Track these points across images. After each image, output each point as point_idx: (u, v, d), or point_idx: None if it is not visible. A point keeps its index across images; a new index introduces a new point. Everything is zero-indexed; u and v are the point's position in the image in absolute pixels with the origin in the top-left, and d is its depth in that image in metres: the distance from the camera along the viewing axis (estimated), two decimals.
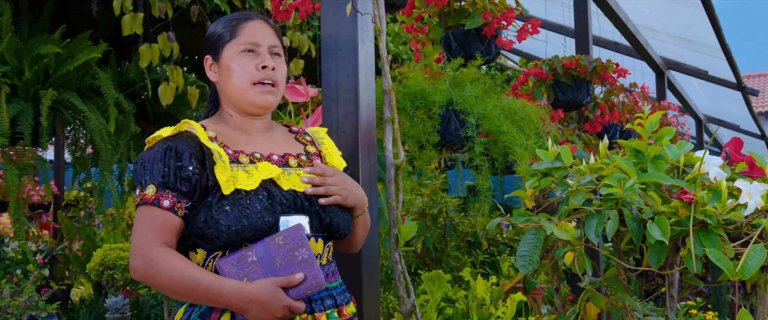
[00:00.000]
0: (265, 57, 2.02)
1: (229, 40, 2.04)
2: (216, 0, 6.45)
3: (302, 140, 2.16)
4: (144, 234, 1.84)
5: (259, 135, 2.07)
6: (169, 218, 1.85)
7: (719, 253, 1.89)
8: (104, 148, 5.88)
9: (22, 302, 3.36)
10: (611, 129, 4.95)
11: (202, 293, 1.78)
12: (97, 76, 6.04)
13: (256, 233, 1.84)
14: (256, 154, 1.98)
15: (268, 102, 2.03)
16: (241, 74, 2.01)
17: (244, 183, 1.87)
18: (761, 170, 2.09)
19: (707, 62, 7.46)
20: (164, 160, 1.88)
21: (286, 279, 1.79)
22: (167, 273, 1.79)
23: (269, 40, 2.06)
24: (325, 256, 1.98)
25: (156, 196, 1.85)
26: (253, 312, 1.78)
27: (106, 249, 3.32)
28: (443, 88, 2.95)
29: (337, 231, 2.00)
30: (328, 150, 2.16)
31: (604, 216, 1.99)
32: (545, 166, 2.23)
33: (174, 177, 1.86)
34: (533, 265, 2.04)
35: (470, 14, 3.28)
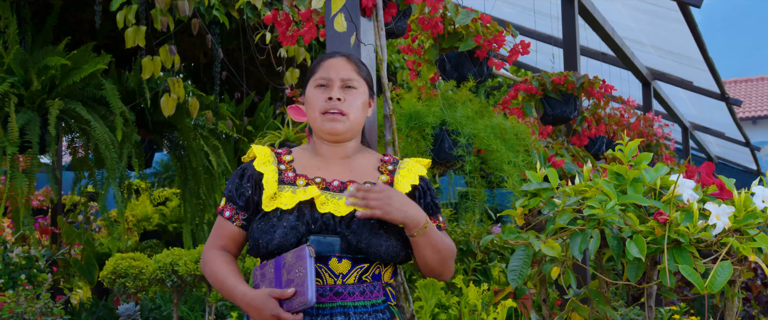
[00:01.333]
0: (334, 90, 2.23)
1: (311, 77, 2.30)
2: (215, 12, 6.63)
3: (383, 169, 2.30)
4: (210, 237, 2.28)
5: (335, 161, 2.27)
6: (227, 226, 2.23)
7: (690, 269, 2.09)
8: (109, 156, 6.05)
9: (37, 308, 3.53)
10: (598, 141, 5.15)
11: (225, 291, 2.14)
12: (102, 86, 6.21)
13: (280, 248, 2.08)
14: (317, 179, 2.20)
15: (334, 128, 2.22)
16: (312, 106, 2.26)
17: (283, 202, 2.13)
18: (730, 192, 2.29)
19: (692, 73, 7.68)
20: (235, 179, 2.25)
21: (280, 292, 2.02)
22: (209, 270, 2.20)
23: (343, 74, 2.26)
24: (355, 276, 2.11)
25: (223, 208, 2.24)
26: (251, 314, 2.08)
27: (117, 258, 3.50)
28: (436, 110, 3.14)
29: (373, 254, 2.10)
30: (401, 176, 2.26)
31: (587, 234, 2.19)
32: (534, 187, 2.43)
33: (236, 193, 2.23)
34: (523, 278, 2.24)
35: (463, 37, 3.48)
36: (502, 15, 6.42)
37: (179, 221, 11.10)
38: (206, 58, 8.46)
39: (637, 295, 6.72)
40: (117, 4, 5.61)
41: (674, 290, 6.91)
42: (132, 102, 6.80)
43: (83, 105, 6.14)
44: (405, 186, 2.24)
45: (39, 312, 3.50)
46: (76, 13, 7.30)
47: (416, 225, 2.11)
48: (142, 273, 3.43)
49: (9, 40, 5.95)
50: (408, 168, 2.30)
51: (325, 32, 2.68)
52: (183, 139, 7.21)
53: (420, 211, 2.13)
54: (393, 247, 2.14)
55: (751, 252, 2.13)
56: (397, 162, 2.34)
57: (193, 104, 6.05)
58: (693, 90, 8.00)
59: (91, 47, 6.41)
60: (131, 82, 6.99)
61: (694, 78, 7.75)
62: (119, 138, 6.03)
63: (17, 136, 5.42)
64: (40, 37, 6.52)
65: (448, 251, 2.22)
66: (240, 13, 6.84)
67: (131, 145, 6.40)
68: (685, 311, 6.83)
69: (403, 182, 2.25)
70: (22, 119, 5.62)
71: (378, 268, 2.17)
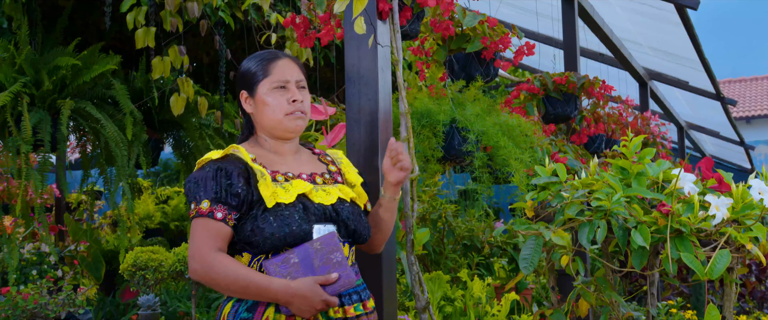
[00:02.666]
0: (294, 92, 2.38)
1: (263, 78, 2.39)
2: (220, 13, 6.76)
3: (324, 160, 2.53)
4: (201, 241, 2.19)
5: (290, 156, 2.43)
6: (221, 228, 2.20)
7: (692, 257, 2.24)
8: (120, 155, 6.17)
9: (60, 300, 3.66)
10: (597, 139, 5.29)
11: (253, 289, 2.14)
12: (112, 85, 6.34)
13: (296, 239, 2.21)
14: (289, 173, 2.35)
15: (299, 126, 2.40)
16: (276, 108, 2.36)
17: (283, 197, 2.24)
18: (728, 185, 2.44)
19: (687, 73, 7.82)
20: (216, 178, 2.23)
21: (324, 278, 2.17)
22: (224, 274, 2.15)
23: (296, 76, 2.42)
24: (351, 259, 2.36)
25: (210, 209, 2.19)
26: (296, 304, 2.14)
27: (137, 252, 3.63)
28: (447, 108, 3.28)
29: (359, 236, 2.37)
30: (346, 168, 2.52)
31: (595, 225, 2.33)
32: (543, 181, 2.57)
33: (225, 193, 2.21)
34: (534, 266, 2.38)
35: (470, 39, 3.62)
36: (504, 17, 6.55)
37: (181, 219, 11.22)
38: (209, 58, 8.58)
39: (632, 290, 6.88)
40: (127, 5, 5.73)
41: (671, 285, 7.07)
42: (138, 101, 6.92)
43: (93, 104, 6.26)
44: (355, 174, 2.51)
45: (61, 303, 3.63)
46: (83, 15, 7.42)
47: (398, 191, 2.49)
48: (161, 265, 3.55)
49: (20, 42, 6.06)
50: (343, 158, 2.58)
51: (344, 34, 2.82)
52: (189, 138, 7.33)
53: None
54: (367, 227, 2.41)
55: (748, 241, 2.28)
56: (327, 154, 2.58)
57: (202, 103, 6.18)
58: (689, 90, 8.15)
59: (99, 48, 6.53)
60: (138, 81, 7.10)
61: (689, 78, 7.90)
62: (129, 136, 6.15)
63: (30, 135, 5.54)
64: (51, 39, 6.64)
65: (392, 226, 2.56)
66: (244, 14, 6.97)
67: (140, 144, 6.52)
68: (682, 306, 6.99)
69: (351, 171, 2.52)
70: (34, 118, 5.73)
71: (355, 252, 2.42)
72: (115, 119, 6.33)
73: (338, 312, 2.24)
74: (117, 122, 6.31)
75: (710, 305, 2.20)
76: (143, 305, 3.62)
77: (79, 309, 3.73)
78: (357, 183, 2.48)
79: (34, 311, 3.56)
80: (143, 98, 6.97)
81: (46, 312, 3.47)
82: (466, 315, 4.51)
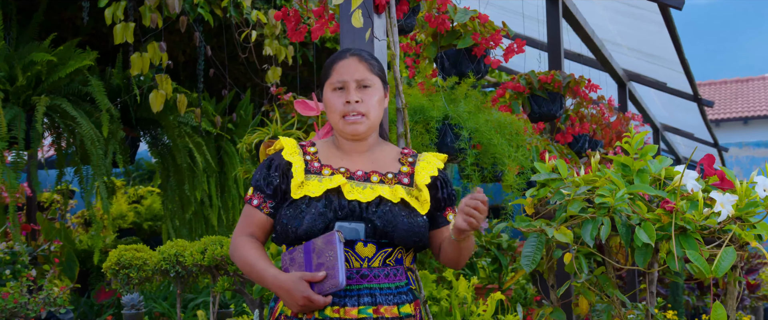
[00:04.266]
0: (351, 92, 2.35)
1: (326, 79, 2.42)
2: (200, 10, 6.67)
3: (403, 160, 2.45)
4: (238, 225, 2.37)
5: (357, 154, 2.41)
6: (255, 214, 2.34)
7: (697, 254, 2.21)
8: (96, 153, 6.07)
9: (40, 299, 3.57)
10: (581, 139, 5.28)
11: (255, 275, 2.27)
12: (88, 82, 6.23)
13: (309, 234, 2.20)
14: (341, 169, 2.33)
15: (356, 130, 2.36)
16: (333, 110, 2.38)
17: (311, 190, 2.25)
18: (730, 182, 2.42)
19: (666, 74, 7.86)
20: (262, 169, 2.37)
21: (311, 275, 2.15)
22: (239, 256, 2.30)
23: (357, 75, 2.37)
24: (380, 260, 2.26)
25: (251, 196, 2.36)
26: (282, 296, 2.20)
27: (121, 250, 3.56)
28: (440, 105, 3.24)
29: (395, 234, 2.24)
30: (421, 168, 2.41)
31: (598, 222, 2.30)
32: (543, 178, 2.54)
33: (263, 182, 2.34)
34: (536, 264, 2.35)
35: (461, 35, 3.59)
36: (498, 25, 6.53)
37: (154, 219, 11.10)
38: (185, 56, 8.49)
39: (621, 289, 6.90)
40: (105, 0, 5.63)
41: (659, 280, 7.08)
42: (116, 99, 6.82)
43: (69, 101, 6.16)
44: (425, 177, 2.39)
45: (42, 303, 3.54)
46: (58, 11, 7.30)
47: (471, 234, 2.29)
48: (145, 264, 3.48)
49: None
50: (427, 161, 2.45)
51: (340, 28, 2.77)
52: (167, 136, 7.24)
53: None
54: (412, 231, 2.27)
55: (753, 239, 2.26)
56: (416, 155, 2.48)
57: (181, 101, 6.10)
58: (667, 91, 8.19)
59: (76, 43, 6.43)
60: (115, 78, 7.00)
61: (668, 79, 7.93)
62: (105, 134, 6.06)
63: (5, 131, 5.43)
64: (25, 34, 6.52)
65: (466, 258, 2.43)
66: (223, 11, 6.89)
67: (117, 142, 6.43)
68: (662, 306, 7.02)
69: (423, 173, 2.40)
70: (8, 115, 5.62)
71: (400, 253, 2.30)
72: (93, 117, 6.24)
73: (338, 311, 2.19)
74: (93, 120, 6.21)
75: (716, 303, 2.18)
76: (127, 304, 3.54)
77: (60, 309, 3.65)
78: (422, 185, 2.36)
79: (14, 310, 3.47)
80: (120, 95, 6.87)
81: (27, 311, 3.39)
82: (451, 315, 4.47)
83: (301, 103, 3.15)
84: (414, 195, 2.34)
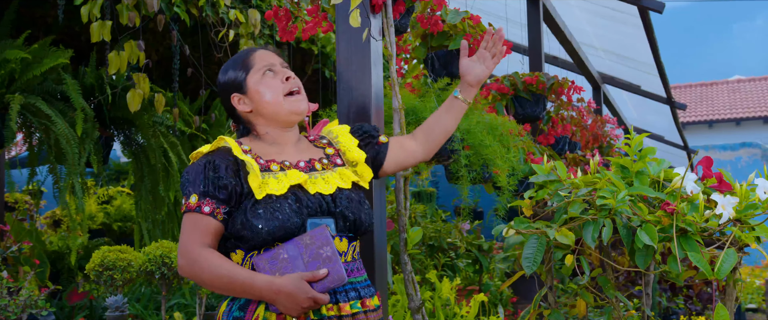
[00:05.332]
0: (284, 71, 2.31)
1: (248, 71, 2.30)
2: (176, 9, 6.61)
3: (319, 145, 2.41)
4: (188, 236, 2.12)
5: (290, 146, 2.33)
6: (209, 222, 2.12)
7: (699, 256, 2.22)
8: (71, 152, 5.98)
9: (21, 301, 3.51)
10: (561, 141, 5.30)
11: (238, 286, 2.06)
12: (63, 80, 6.14)
13: (287, 233, 2.10)
14: (286, 162, 2.24)
15: (301, 107, 2.30)
16: (273, 90, 2.27)
17: (274, 188, 2.13)
18: (728, 185, 2.43)
19: (640, 77, 7.93)
20: (204, 172, 2.15)
21: (312, 274, 2.04)
22: (208, 270, 2.07)
23: (279, 60, 2.35)
24: (350, 254, 2.23)
25: (198, 204, 2.12)
26: (282, 302, 2.03)
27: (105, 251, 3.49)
28: (431, 105, 3.23)
29: (361, 226, 2.23)
30: (345, 146, 2.40)
31: (600, 223, 2.30)
32: (542, 179, 2.54)
33: (213, 186, 2.13)
34: (536, 265, 2.34)
35: (452, 36, 3.58)
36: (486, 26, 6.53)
37: (124, 220, 10.97)
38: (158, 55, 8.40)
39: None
40: None
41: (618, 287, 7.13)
42: (90, 98, 6.73)
43: (43, 100, 6.06)
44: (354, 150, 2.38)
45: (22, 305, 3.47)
46: (31, 9, 7.19)
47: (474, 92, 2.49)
48: (130, 265, 3.42)
49: None
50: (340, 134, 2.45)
51: (336, 28, 2.75)
52: (142, 136, 7.15)
53: None
54: (370, 216, 2.27)
55: (752, 241, 2.27)
56: (323, 137, 2.47)
57: (159, 100, 6.02)
58: (641, 94, 8.26)
59: (49, 41, 6.33)
60: (89, 77, 6.90)
61: (642, 82, 8.00)
62: (79, 133, 5.97)
63: None
64: None
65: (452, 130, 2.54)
66: (200, 10, 6.83)
67: (92, 141, 6.33)
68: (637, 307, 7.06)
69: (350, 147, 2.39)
70: None
71: (358, 246, 2.29)
72: (67, 116, 6.14)
73: (332, 309, 2.11)
74: (68, 119, 6.11)
75: (719, 305, 2.19)
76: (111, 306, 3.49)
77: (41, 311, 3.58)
78: (360, 160, 2.35)
79: None
80: (94, 95, 6.77)
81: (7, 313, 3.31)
82: (435, 317, 4.47)
83: None
84: (357, 172, 2.34)
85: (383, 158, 2.43)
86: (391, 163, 2.45)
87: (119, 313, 3.48)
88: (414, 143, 2.48)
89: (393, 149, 2.45)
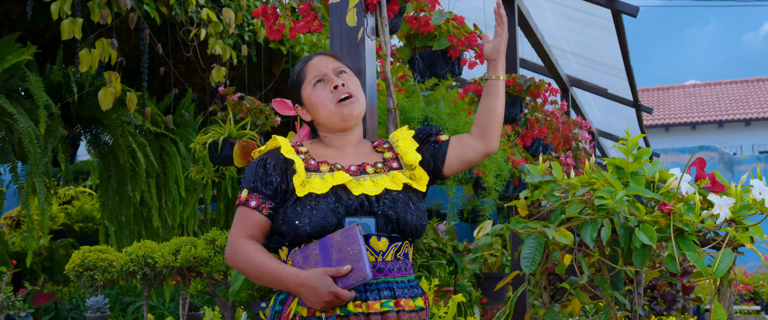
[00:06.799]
0: (333, 79, 2.36)
1: (303, 82, 2.40)
2: (146, 7, 6.53)
3: (380, 149, 2.46)
4: (235, 228, 2.27)
5: (349, 149, 2.40)
6: (254, 216, 2.25)
7: (696, 256, 2.25)
8: (33, 151, 5.89)
9: None
10: (535, 143, 5.33)
11: (268, 276, 2.18)
12: (27, 78, 6.03)
13: (321, 231, 2.16)
14: (338, 165, 2.31)
15: (352, 111, 2.35)
16: (324, 101, 2.35)
17: (316, 187, 2.21)
18: (722, 185, 2.46)
19: (607, 80, 8.01)
20: (256, 170, 2.29)
21: (335, 270, 2.10)
22: (245, 259, 2.21)
23: (331, 65, 2.40)
24: (393, 254, 2.24)
25: (247, 198, 2.27)
26: (305, 294, 2.11)
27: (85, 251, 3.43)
28: (420, 106, 3.23)
29: (407, 226, 2.25)
30: (403, 149, 2.43)
31: (598, 223, 2.31)
32: (537, 180, 2.55)
33: (261, 183, 2.27)
34: (535, 265, 2.35)
35: (436, 37, 3.57)
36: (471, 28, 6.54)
37: (85, 220, 10.81)
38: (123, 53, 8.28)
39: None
40: None
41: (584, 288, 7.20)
42: (55, 96, 6.61)
43: (6, 97, 5.95)
44: (412, 153, 2.40)
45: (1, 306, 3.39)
46: None
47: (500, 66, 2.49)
48: (111, 265, 3.37)
49: None
50: (401, 138, 2.48)
51: (330, 27, 2.73)
52: (110, 135, 7.05)
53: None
54: (420, 218, 2.29)
55: (747, 241, 2.30)
56: (388, 141, 2.51)
57: (131, 99, 5.96)
58: (607, 97, 8.34)
59: (15, 38, 6.22)
60: (55, 75, 6.79)
61: (609, 85, 8.09)
62: (42, 131, 5.87)
63: None
64: None
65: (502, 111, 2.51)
66: (169, 9, 6.75)
67: (56, 140, 6.24)
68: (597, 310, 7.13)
69: (408, 151, 2.41)
70: None
71: (406, 247, 2.30)
72: (32, 114, 6.04)
73: (360, 306, 2.15)
74: (33, 117, 6.01)
75: (716, 304, 2.22)
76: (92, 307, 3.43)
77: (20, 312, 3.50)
78: (415, 163, 2.38)
79: None
80: (61, 92, 6.66)
81: None
82: None
83: (279, 102, 3.10)
84: (410, 176, 2.36)
85: (443, 155, 2.44)
86: (453, 160, 2.45)
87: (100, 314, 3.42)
88: (472, 137, 2.48)
89: (453, 146, 2.46)
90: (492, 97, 2.48)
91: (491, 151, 2.49)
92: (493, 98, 2.48)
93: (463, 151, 2.46)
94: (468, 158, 2.47)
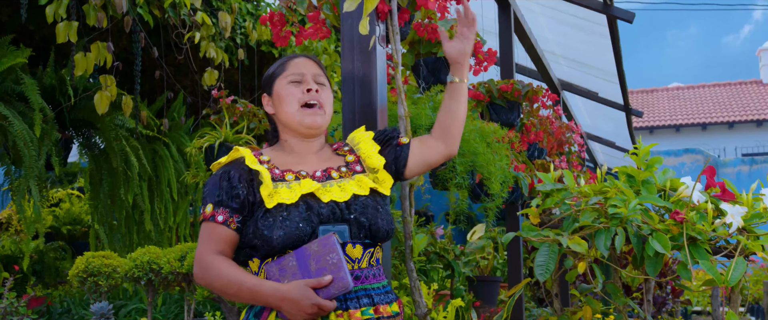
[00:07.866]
0: (310, 82, 2.33)
1: (279, 75, 2.36)
2: (139, 10, 6.51)
3: (341, 152, 2.42)
4: (202, 245, 2.18)
5: (311, 156, 2.35)
6: (222, 231, 2.17)
7: (709, 264, 2.27)
8: (28, 154, 5.87)
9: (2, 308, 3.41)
10: (532, 147, 5.35)
11: (246, 293, 2.10)
12: (22, 80, 6.01)
13: (296, 241, 2.11)
14: (302, 172, 2.26)
15: (315, 122, 2.31)
16: (290, 100, 2.30)
17: (285, 197, 2.15)
18: (732, 194, 2.49)
19: (597, 84, 8.06)
20: (219, 183, 2.20)
21: (316, 281, 2.05)
22: (218, 277, 2.12)
23: (313, 70, 2.37)
24: (367, 260, 2.22)
25: (212, 213, 2.18)
26: (286, 308, 2.05)
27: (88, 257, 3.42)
28: (426, 113, 3.24)
29: (379, 231, 2.22)
30: (366, 153, 2.40)
31: (612, 231, 2.34)
32: (549, 188, 2.57)
33: (226, 196, 2.18)
34: (549, 273, 2.37)
35: (440, 43, 3.59)
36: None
37: (73, 223, 10.75)
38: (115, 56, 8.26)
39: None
40: None
41: None
42: (50, 99, 6.59)
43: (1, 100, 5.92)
44: (375, 156, 2.39)
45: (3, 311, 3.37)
46: None
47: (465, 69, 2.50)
48: (115, 271, 3.36)
49: None
50: (361, 140, 2.46)
51: (341, 35, 2.74)
52: (103, 139, 7.03)
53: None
54: (389, 221, 2.27)
55: (759, 249, 2.33)
56: (346, 144, 2.49)
57: (127, 103, 5.94)
58: (598, 101, 8.39)
59: (8, 41, 6.20)
60: (48, 78, 6.77)
61: (600, 89, 8.13)
62: (37, 134, 5.85)
63: None
64: None
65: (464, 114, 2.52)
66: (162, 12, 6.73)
67: (51, 143, 6.22)
68: None
69: (370, 154, 2.40)
70: None
71: (378, 252, 2.29)
72: (26, 117, 6.02)
73: (341, 316, 2.11)
74: (27, 120, 5.99)
75: (729, 312, 2.24)
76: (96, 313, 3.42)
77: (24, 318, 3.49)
78: (379, 166, 2.36)
79: None
80: (55, 95, 6.64)
81: None
82: None
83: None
84: (374, 179, 2.33)
85: (405, 159, 2.43)
86: (414, 162, 2.44)
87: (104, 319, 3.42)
88: (433, 139, 2.48)
89: (415, 148, 2.45)
90: (455, 99, 2.49)
91: (452, 153, 2.52)
92: (455, 100, 2.49)
93: (426, 153, 2.46)
94: (430, 160, 2.48)
